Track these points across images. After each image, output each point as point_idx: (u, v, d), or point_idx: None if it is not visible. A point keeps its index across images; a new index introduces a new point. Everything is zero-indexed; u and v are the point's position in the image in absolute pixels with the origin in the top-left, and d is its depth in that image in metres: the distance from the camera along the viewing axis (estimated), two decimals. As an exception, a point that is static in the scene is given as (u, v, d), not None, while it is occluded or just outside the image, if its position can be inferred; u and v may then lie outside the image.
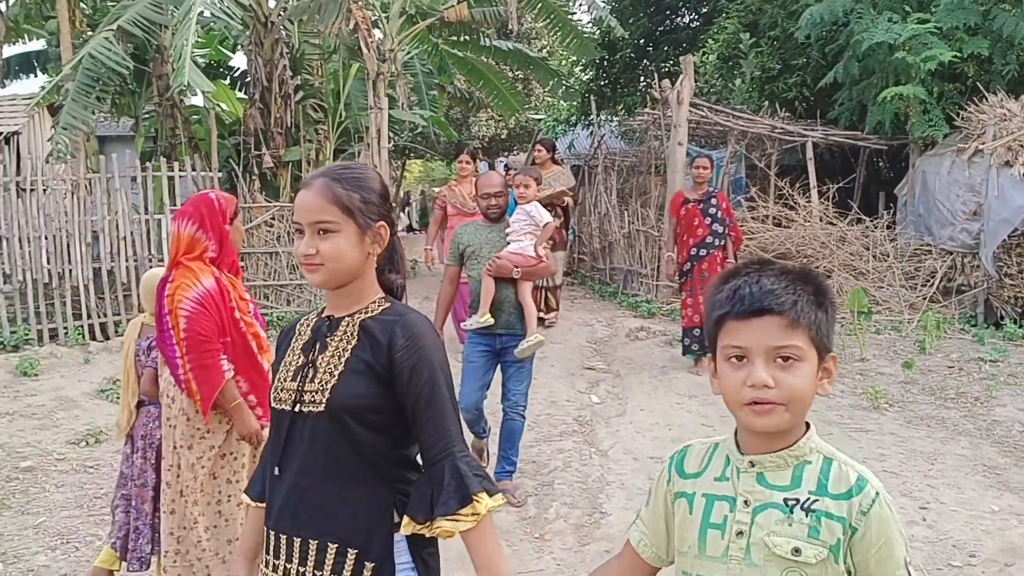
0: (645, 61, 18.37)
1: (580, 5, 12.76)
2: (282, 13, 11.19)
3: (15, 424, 6.31)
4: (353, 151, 11.51)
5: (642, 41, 17.96)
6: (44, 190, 8.99)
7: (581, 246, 14.50)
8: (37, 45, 12.92)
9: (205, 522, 3.26)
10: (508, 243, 4.77)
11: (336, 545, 1.79)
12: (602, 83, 18.28)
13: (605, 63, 17.96)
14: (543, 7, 12.16)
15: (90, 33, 10.48)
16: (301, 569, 1.81)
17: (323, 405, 1.80)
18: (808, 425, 1.52)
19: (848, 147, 12.71)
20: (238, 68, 13.92)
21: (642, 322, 10.05)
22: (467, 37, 13.51)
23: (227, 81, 13.94)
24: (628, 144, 15.51)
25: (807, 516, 1.42)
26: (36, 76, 13.23)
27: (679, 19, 18.83)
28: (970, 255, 9.92)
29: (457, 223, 7.02)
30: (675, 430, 6.09)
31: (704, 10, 17.68)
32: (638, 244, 11.95)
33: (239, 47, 13.25)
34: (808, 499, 1.44)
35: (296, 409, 1.85)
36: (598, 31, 15.71)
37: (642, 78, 18.28)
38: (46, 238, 8.93)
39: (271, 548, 1.88)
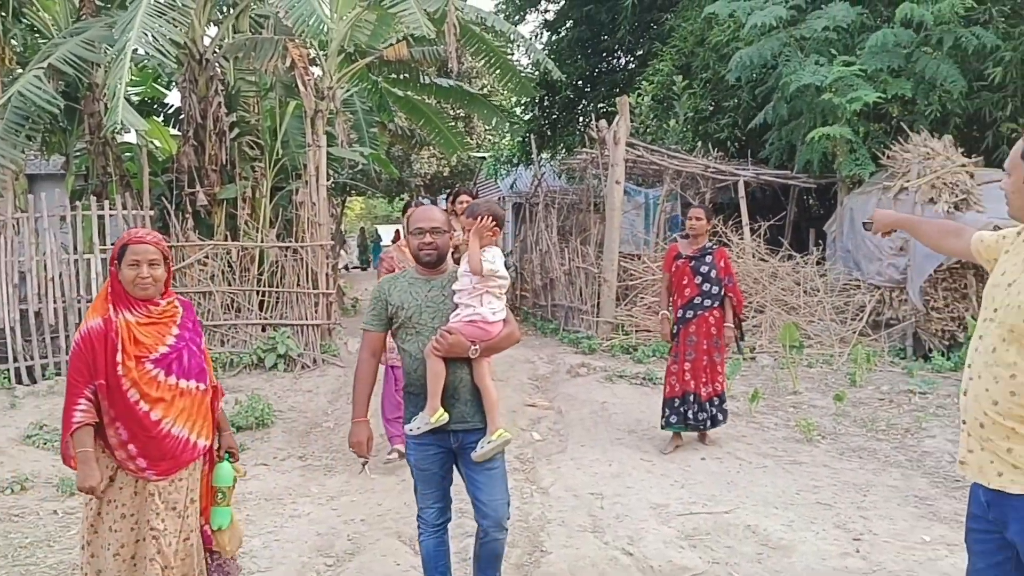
0: (583, 102, 18.72)
1: (518, 47, 12.92)
2: (217, 51, 11.11)
3: (-69, 473, 6.03)
4: (290, 188, 11.40)
5: (580, 82, 18.32)
6: (-32, 229, 8.70)
7: (523, 283, 14.58)
8: (-37, 82, 12.60)
9: (88, 567, 3.22)
10: (456, 306, 3.50)
11: None
12: (542, 123, 18.54)
13: (544, 103, 18.24)
14: (481, 47, 12.29)
15: (20, 71, 10.26)
16: None
17: None
18: None
19: (779, 185, 13.07)
20: (172, 105, 13.76)
21: (583, 358, 10.09)
22: (407, 75, 13.57)
23: (160, 118, 13.76)
24: (568, 182, 15.71)
25: None
26: (-38, 113, 12.89)
27: (615, 61, 19.26)
28: (898, 289, 10.22)
29: None
30: (615, 466, 6.10)
31: (639, 52, 18.11)
32: (579, 281, 12.05)
33: (173, 84, 13.10)
34: None
35: None
36: (537, 72, 15.96)
37: (580, 118, 18.62)
38: (-31, 278, 8.62)
39: None
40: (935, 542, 4.62)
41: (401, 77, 13.71)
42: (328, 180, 10.76)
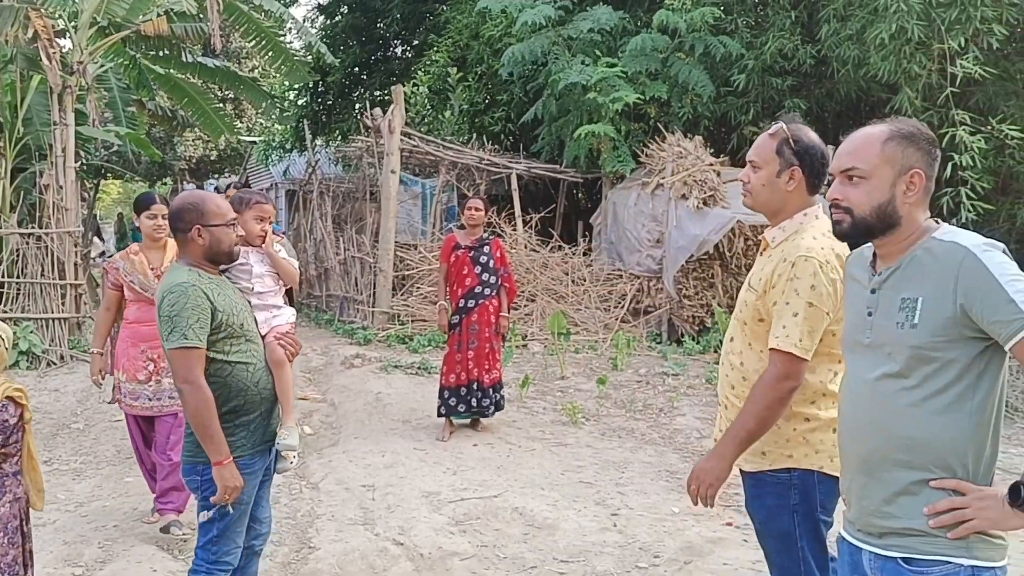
0: (359, 89, 18.47)
1: (291, 29, 12.52)
2: (-55, 14, 9.93)
3: None
4: (34, 170, 10.40)
5: (356, 69, 18.04)
6: None
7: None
8: None
9: None
10: (256, 304, 3.28)
11: None
12: (316, 109, 18.09)
13: (319, 89, 17.81)
14: (250, 27, 11.78)
15: None
16: None
17: None
18: None
19: (549, 179, 13.57)
20: None
21: (358, 349, 9.99)
22: (168, 52, 12.74)
23: None
24: (344, 170, 15.46)
25: None
26: None
27: (391, 50, 19.14)
28: (654, 279, 10.95)
29: (139, 311, 4.62)
30: (388, 456, 6.09)
31: (415, 43, 18.12)
32: (354, 271, 11.91)
33: None
34: None
35: None
36: (310, 56, 15.56)
37: (356, 106, 18.36)
38: None
39: None
40: (683, 513, 5.01)
41: (162, 54, 12.85)
42: (77, 162, 9.95)
